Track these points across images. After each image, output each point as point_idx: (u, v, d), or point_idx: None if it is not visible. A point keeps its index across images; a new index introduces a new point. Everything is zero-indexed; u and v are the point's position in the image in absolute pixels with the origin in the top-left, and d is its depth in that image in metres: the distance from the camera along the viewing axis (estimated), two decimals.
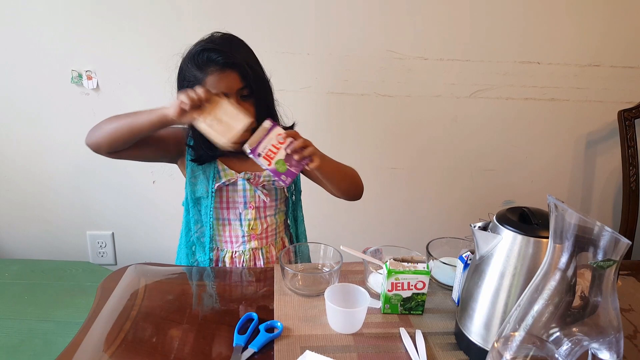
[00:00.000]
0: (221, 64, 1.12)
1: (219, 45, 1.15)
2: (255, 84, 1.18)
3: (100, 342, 0.95)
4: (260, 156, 1.09)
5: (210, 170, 1.27)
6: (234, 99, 1.14)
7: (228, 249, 1.34)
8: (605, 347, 0.68)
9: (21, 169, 2.00)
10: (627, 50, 1.94)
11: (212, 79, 1.13)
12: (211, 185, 1.27)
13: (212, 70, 1.13)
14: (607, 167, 2.13)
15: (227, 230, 1.33)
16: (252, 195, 1.30)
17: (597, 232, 0.64)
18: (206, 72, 1.13)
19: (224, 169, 1.28)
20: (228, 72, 1.13)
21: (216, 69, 1.13)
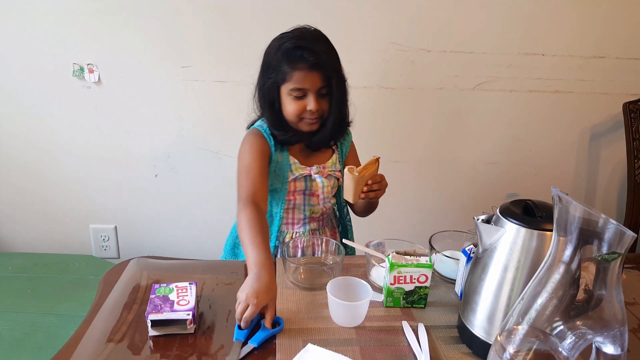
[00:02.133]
0: (311, 63, 1.18)
1: (312, 45, 1.21)
2: (335, 85, 1.24)
3: (103, 335, 0.95)
4: None
5: (285, 165, 1.33)
6: (313, 96, 1.21)
7: (289, 231, 1.40)
8: (609, 341, 0.67)
9: (23, 163, 2.00)
10: (631, 42, 1.93)
11: (299, 75, 1.19)
12: (286, 178, 1.33)
13: (301, 67, 1.19)
14: (612, 159, 2.12)
15: (290, 213, 1.40)
16: (318, 185, 1.37)
17: (602, 224, 0.63)
18: (295, 67, 1.19)
19: (295, 163, 1.34)
20: (314, 72, 1.20)
21: (305, 67, 1.19)
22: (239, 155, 1.34)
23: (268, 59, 1.26)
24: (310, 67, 1.19)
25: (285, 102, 1.25)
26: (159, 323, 0.94)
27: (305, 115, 1.24)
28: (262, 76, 1.28)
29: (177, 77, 1.88)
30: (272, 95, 1.26)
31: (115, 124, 1.94)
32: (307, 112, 1.23)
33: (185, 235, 2.15)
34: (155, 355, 0.90)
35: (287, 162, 1.33)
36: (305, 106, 1.22)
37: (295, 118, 1.25)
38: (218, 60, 1.86)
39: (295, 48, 1.19)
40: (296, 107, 1.23)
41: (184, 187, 2.06)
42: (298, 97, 1.22)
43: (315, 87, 1.21)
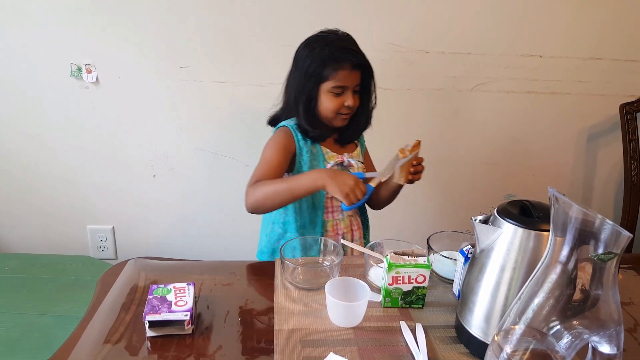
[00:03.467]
0: (354, 63, 1.31)
1: (354, 46, 1.35)
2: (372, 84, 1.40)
3: (100, 336, 0.95)
4: None
5: (320, 156, 1.41)
6: (350, 93, 1.34)
7: (329, 219, 1.45)
8: (605, 340, 0.67)
9: (21, 163, 2.00)
10: (629, 44, 1.93)
11: (343, 74, 1.31)
12: (323, 166, 1.41)
13: (345, 66, 1.31)
14: (609, 160, 2.12)
15: (329, 202, 1.44)
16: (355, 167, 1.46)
17: (598, 225, 0.63)
18: (340, 67, 1.30)
19: (327, 152, 1.43)
20: (355, 71, 1.33)
21: (348, 66, 1.31)
22: (264, 148, 1.41)
23: (308, 60, 1.34)
24: (352, 67, 1.31)
25: (323, 99, 1.34)
26: (157, 324, 0.94)
27: (342, 110, 1.35)
28: (301, 77, 1.36)
29: (176, 77, 1.88)
30: (310, 93, 1.34)
31: (113, 124, 1.94)
32: (343, 108, 1.35)
33: (183, 235, 2.14)
34: (152, 356, 0.90)
35: (321, 152, 1.42)
36: (343, 102, 1.34)
37: (333, 114, 1.36)
38: (216, 60, 1.86)
39: (342, 49, 1.31)
40: (335, 104, 1.33)
41: (182, 188, 2.06)
42: (337, 94, 1.33)
43: (354, 85, 1.34)
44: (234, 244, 2.16)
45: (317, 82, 1.33)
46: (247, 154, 2.01)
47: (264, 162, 1.37)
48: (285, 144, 1.38)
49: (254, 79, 1.89)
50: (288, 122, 1.41)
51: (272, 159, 1.36)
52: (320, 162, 1.41)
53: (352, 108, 1.36)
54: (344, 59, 1.30)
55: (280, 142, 1.39)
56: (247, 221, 2.13)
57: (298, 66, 1.37)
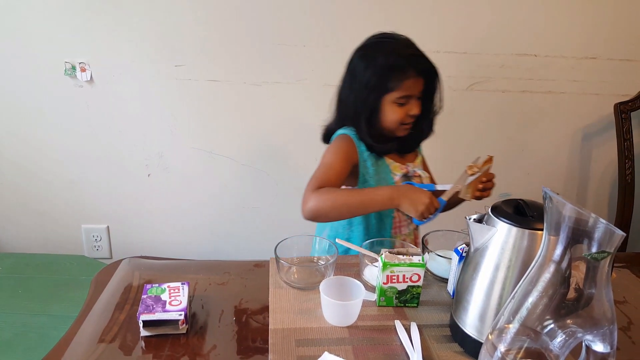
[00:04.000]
0: (419, 70, 1.23)
1: (417, 51, 1.25)
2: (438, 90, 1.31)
3: (94, 335, 0.95)
4: None
5: (385, 168, 1.35)
6: (415, 101, 1.26)
7: (398, 234, 1.40)
8: (599, 339, 0.68)
9: (15, 163, 1.99)
10: (623, 43, 1.94)
11: (408, 83, 1.23)
12: (391, 179, 1.35)
13: (410, 74, 1.22)
14: (603, 159, 2.13)
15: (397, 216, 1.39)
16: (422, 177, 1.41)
17: (592, 224, 0.63)
18: (404, 76, 1.22)
19: (391, 163, 1.36)
20: (420, 78, 1.24)
21: (413, 74, 1.23)
22: (323, 154, 1.33)
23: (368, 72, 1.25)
24: (417, 74, 1.23)
25: (387, 110, 1.26)
26: (151, 323, 0.93)
27: (406, 120, 1.27)
28: (361, 89, 1.27)
29: (170, 76, 1.87)
30: (373, 106, 1.26)
31: (107, 123, 1.94)
32: (407, 117, 1.27)
33: (178, 235, 2.14)
34: (147, 355, 0.90)
35: (385, 163, 1.35)
36: (407, 112, 1.26)
37: (396, 124, 1.28)
38: (211, 59, 1.86)
39: (406, 57, 1.22)
40: (399, 115, 1.26)
41: (177, 187, 2.06)
42: (402, 104, 1.25)
43: (418, 92, 1.26)
44: (229, 243, 2.15)
45: (380, 94, 1.24)
46: (242, 153, 2.01)
47: (325, 167, 1.27)
48: (348, 152, 1.30)
49: (248, 77, 1.89)
50: (348, 130, 1.33)
51: (334, 165, 1.27)
52: (387, 174, 1.34)
53: (415, 116, 1.27)
54: (409, 67, 1.21)
55: (342, 150, 1.30)
56: (241, 220, 2.13)
57: (356, 78, 1.28)
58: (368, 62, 1.25)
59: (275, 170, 2.04)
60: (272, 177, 2.05)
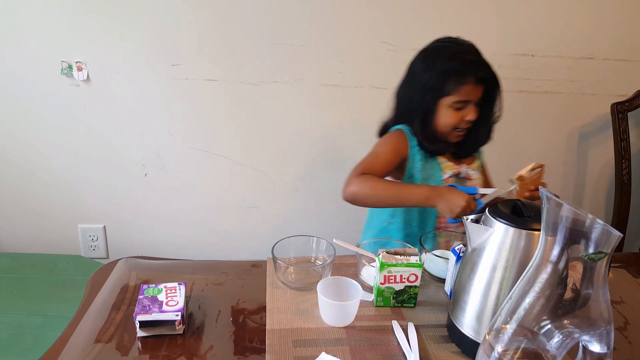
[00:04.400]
0: (479, 77, 1.23)
1: (479, 58, 1.25)
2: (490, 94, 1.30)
3: (91, 335, 0.95)
4: None
5: (435, 166, 1.36)
6: (472, 107, 1.26)
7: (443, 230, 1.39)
8: (595, 339, 0.68)
9: (11, 162, 1.98)
10: (620, 43, 1.94)
11: (466, 88, 1.23)
12: (439, 177, 1.36)
13: (469, 80, 1.23)
14: (600, 159, 2.14)
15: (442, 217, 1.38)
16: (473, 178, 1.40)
17: (589, 224, 0.63)
18: (463, 82, 1.23)
19: (444, 162, 1.37)
20: (479, 85, 1.24)
21: (473, 80, 1.23)
22: (375, 144, 1.37)
23: (427, 74, 1.27)
24: (476, 81, 1.23)
25: (442, 114, 1.28)
26: (148, 324, 0.93)
27: (461, 125, 1.28)
28: (418, 90, 1.29)
29: (167, 76, 1.87)
30: (429, 107, 1.28)
31: (104, 122, 1.93)
32: (463, 122, 1.28)
33: (175, 235, 2.14)
34: (143, 356, 0.90)
35: (436, 161, 1.37)
36: (463, 117, 1.27)
37: (450, 129, 1.29)
38: (208, 58, 1.85)
39: (466, 64, 1.23)
40: (455, 119, 1.27)
41: (174, 187, 2.05)
42: (459, 108, 1.26)
43: (477, 98, 1.26)
44: (226, 243, 2.15)
45: (437, 96, 1.26)
46: (239, 153, 2.01)
47: (373, 156, 1.32)
48: (398, 145, 1.34)
49: (245, 77, 1.88)
50: (403, 126, 1.36)
51: (382, 154, 1.32)
52: (436, 172, 1.36)
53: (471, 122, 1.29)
54: (469, 72, 1.22)
55: (393, 142, 1.34)
56: (239, 220, 2.13)
57: (415, 78, 1.31)
58: (428, 64, 1.27)
59: (272, 170, 2.04)
60: (270, 177, 2.05)
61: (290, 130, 1.98)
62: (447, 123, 1.28)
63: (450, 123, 1.28)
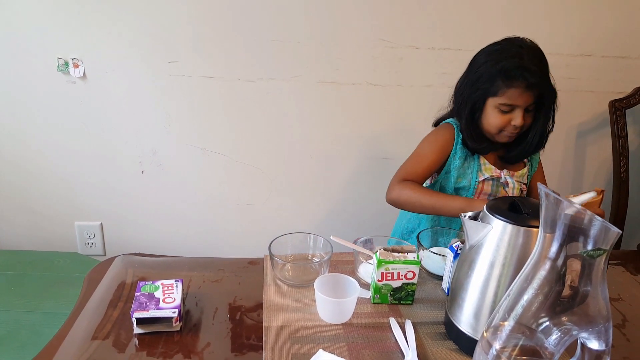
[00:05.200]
0: (528, 84, 1.20)
1: (533, 65, 1.22)
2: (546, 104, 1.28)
3: (87, 332, 0.94)
4: None
5: (474, 165, 1.35)
6: (520, 112, 1.24)
7: None
8: (594, 337, 0.68)
9: (7, 160, 1.97)
10: (618, 40, 1.94)
11: (513, 92, 1.22)
12: (475, 177, 1.35)
13: (517, 85, 1.21)
14: (598, 157, 2.14)
15: None
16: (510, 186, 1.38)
17: (587, 221, 0.63)
18: (511, 85, 1.22)
19: (485, 163, 1.36)
20: (529, 91, 1.22)
21: (521, 85, 1.21)
22: (426, 138, 1.39)
23: (480, 70, 1.28)
24: (526, 87, 1.21)
25: (489, 114, 1.27)
26: (145, 321, 0.93)
27: (507, 129, 1.27)
28: (470, 85, 1.30)
29: (164, 73, 1.86)
30: (477, 105, 1.28)
31: (100, 119, 1.92)
32: (510, 126, 1.26)
33: (172, 232, 2.13)
34: (140, 353, 0.90)
35: (477, 161, 1.36)
36: (509, 121, 1.25)
37: (496, 130, 1.28)
38: (205, 55, 1.85)
39: (517, 68, 1.21)
40: (500, 121, 1.26)
41: (171, 184, 2.05)
42: (505, 112, 1.25)
43: (526, 104, 1.24)
44: (223, 240, 2.15)
45: (485, 95, 1.26)
46: (236, 150, 2.01)
47: (417, 158, 1.35)
48: (444, 143, 1.35)
49: (242, 74, 1.88)
50: (454, 120, 1.37)
51: (426, 156, 1.34)
52: (474, 171, 1.36)
53: (519, 128, 1.27)
54: (518, 77, 1.21)
55: (439, 141, 1.35)
56: (236, 218, 2.13)
57: (470, 73, 1.31)
58: (485, 61, 1.28)
59: (269, 167, 2.04)
60: (266, 174, 2.05)
61: (287, 127, 1.98)
62: (492, 123, 1.28)
63: (496, 124, 1.27)
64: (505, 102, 1.23)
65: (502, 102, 1.24)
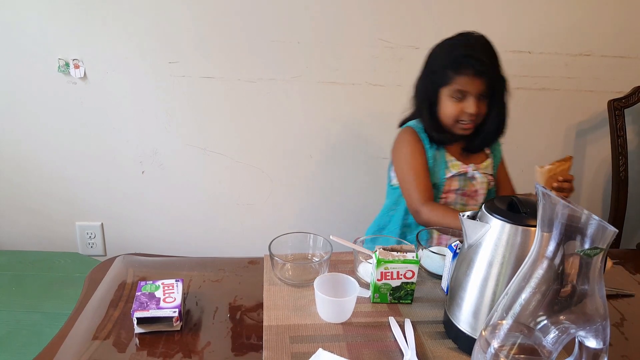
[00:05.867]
0: (476, 70, 1.27)
1: (480, 54, 1.29)
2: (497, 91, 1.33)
3: (88, 332, 0.95)
4: None
5: (442, 164, 1.40)
6: (473, 100, 1.29)
7: None
8: (591, 335, 0.68)
9: (8, 160, 1.98)
10: (617, 40, 1.94)
11: (463, 80, 1.28)
12: (443, 175, 1.40)
13: (465, 72, 1.27)
14: (597, 156, 2.14)
15: None
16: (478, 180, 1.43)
17: (585, 220, 0.63)
18: (459, 73, 1.28)
19: (451, 160, 1.41)
20: (478, 78, 1.28)
21: (469, 73, 1.27)
22: (399, 154, 1.42)
23: (433, 63, 1.35)
24: (474, 74, 1.27)
25: (444, 104, 1.32)
26: (145, 320, 0.93)
27: (463, 117, 1.32)
28: (424, 79, 1.38)
29: (164, 73, 1.87)
30: (432, 97, 1.34)
31: (101, 120, 1.93)
32: (464, 114, 1.31)
33: (172, 232, 2.14)
34: (141, 352, 0.90)
35: (444, 159, 1.40)
36: (464, 109, 1.30)
37: (452, 120, 1.32)
38: (206, 55, 1.85)
39: (463, 56, 1.28)
40: (455, 110, 1.31)
41: (171, 184, 2.05)
42: (458, 99, 1.29)
43: (477, 91, 1.29)
44: (223, 240, 2.15)
45: (438, 85, 1.32)
46: (236, 150, 2.01)
47: (414, 176, 1.36)
48: (418, 146, 1.38)
49: (243, 74, 1.88)
50: (412, 122, 1.41)
51: (419, 166, 1.37)
52: (442, 170, 1.39)
53: (474, 116, 1.31)
54: (466, 64, 1.27)
55: (415, 147, 1.38)
56: (236, 217, 2.13)
57: (425, 69, 1.38)
58: (435, 55, 1.35)
59: (269, 167, 2.04)
60: (267, 174, 2.05)
61: (288, 127, 1.98)
62: (447, 113, 1.32)
63: (451, 113, 1.32)
64: (456, 89, 1.29)
65: (453, 89, 1.29)
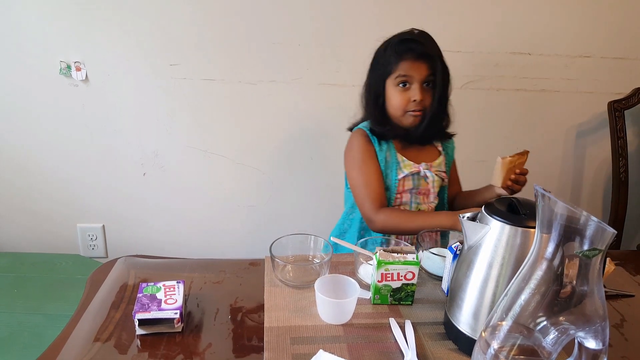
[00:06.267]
0: (417, 53, 1.29)
1: (418, 37, 1.32)
2: (439, 76, 1.33)
3: (90, 334, 0.95)
4: None
5: (393, 164, 1.39)
6: (417, 86, 1.30)
7: None
8: (591, 336, 0.68)
9: (10, 162, 1.98)
10: (617, 41, 1.95)
11: (406, 65, 1.29)
12: (395, 176, 1.39)
13: (407, 57, 1.29)
14: (597, 157, 2.14)
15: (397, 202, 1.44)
16: (429, 179, 1.42)
17: (584, 221, 0.64)
18: (402, 58, 1.29)
19: (403, 160, 1.40)
20: (420, 61, 1.29)
21: (411, 57, 1.29)
22: (350, 160, 1.41)
23: (377, 56, 1.37)
24: (416, 57, 1.29)
25: (390, 94, 1.33)
26: (146, 322, 0.93)
27: (410, 107, 1.32)
28: (370, 74, 1.39)
29: (166, 75, 1.87)
30: (378, 89, 1.35)
31: (102, 122, 1.93)
32: (411, 103, 1.31)
33: (173, 233, 2.14)
34: (142, 354, 0.90)
35: (395, 159, 1.40)
36: (410, 98, 1.31)
37: (400, 111, 1.33)
38: (207, 58, 1.86)
39: (403, 41, 1.31)
40: (401, 99, 1.31)
41: (172, 186, 2.06)
42: (403, 87, 1.31)
43: (421, 77, 1.30)
44: (224, 242, 2.15)
45: (382, 76, 1.33)
46: (237, 152, 2.01)
47: (368, 179, 1.36)
48: (368, 149, 1.38)
49: (243, 76, 1.89)
50: (363, 124, 1.42)
51: (372, 172, 1.36)
52: (393, 170, 1.39)
53: (421, 104, 1.31)
54: (407, 49, 1.29)
55: (366, 150, 1.38)
56: (237, 219, 2.13)
57: (371, 66, 1.39)
58: (380, 50, 1.37)
59: (270, 169, 2.05)
60: (267, 176, 2.06)
61: (288, 129, 1.99)
62: (394, 104, 1.33)
63: (398, 103, 1.32)
64: (399, 74, 1.30)
65: (396, 75, 1.30)
